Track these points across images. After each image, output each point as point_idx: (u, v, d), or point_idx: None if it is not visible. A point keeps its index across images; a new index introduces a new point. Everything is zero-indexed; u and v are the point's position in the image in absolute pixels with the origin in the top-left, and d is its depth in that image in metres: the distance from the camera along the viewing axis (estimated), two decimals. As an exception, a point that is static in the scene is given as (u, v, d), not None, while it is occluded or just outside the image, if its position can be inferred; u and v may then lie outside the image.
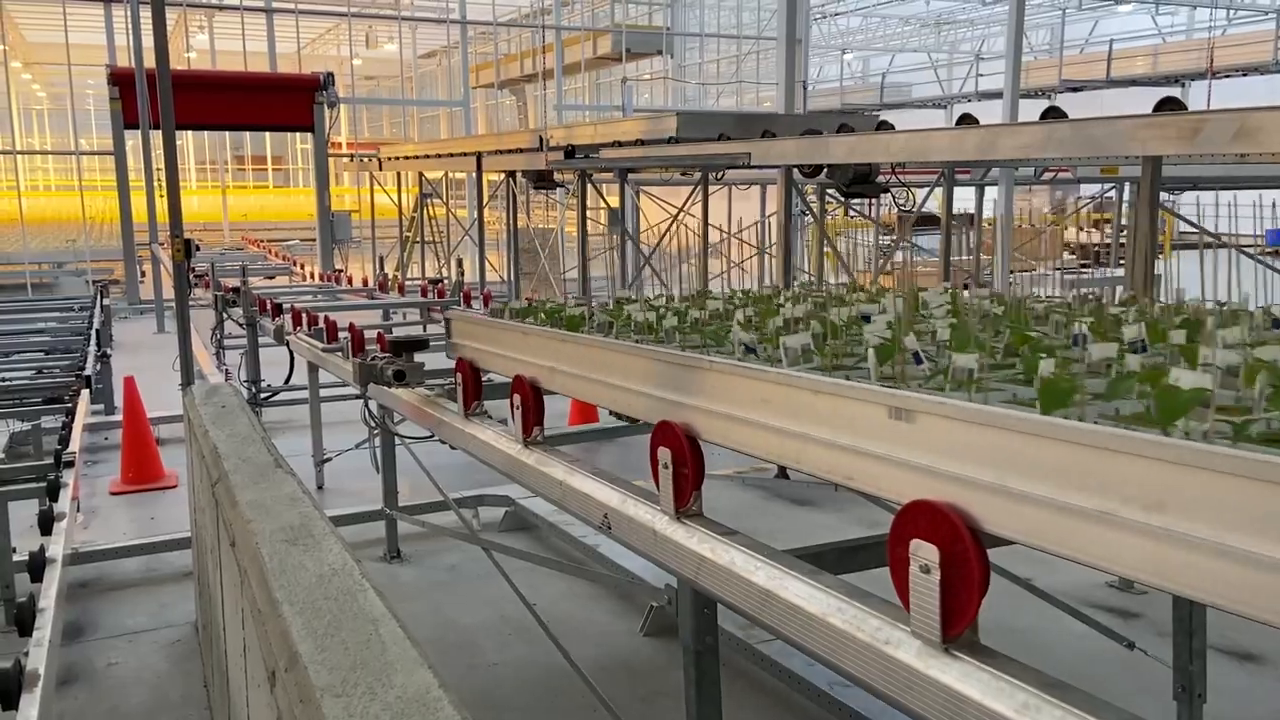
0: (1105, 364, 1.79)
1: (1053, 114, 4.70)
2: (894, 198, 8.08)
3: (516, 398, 2.84)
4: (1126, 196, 13.20)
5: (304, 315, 5.68)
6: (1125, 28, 25.29)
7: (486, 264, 12.20)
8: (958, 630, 1.40)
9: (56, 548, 3.83)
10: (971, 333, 2.01)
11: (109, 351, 8.23)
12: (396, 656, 1.37)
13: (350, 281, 9.53)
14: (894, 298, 2.75)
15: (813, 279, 9.33)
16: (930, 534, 1.43)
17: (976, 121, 5.20)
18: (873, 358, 1.80)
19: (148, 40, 8.22)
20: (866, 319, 2.32)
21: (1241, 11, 24.52)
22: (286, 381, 6.98)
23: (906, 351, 1.82)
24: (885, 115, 11.76)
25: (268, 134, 31.03)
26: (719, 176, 10.24)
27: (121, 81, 14.16)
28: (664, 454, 2.10)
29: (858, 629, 1.53)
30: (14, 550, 4.05)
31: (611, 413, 2.89)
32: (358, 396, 4.37)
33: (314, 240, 16.90)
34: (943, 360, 1.83)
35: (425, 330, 7.51)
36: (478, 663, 3.94)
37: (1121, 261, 11.56)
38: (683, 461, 2.06)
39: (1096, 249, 20.01)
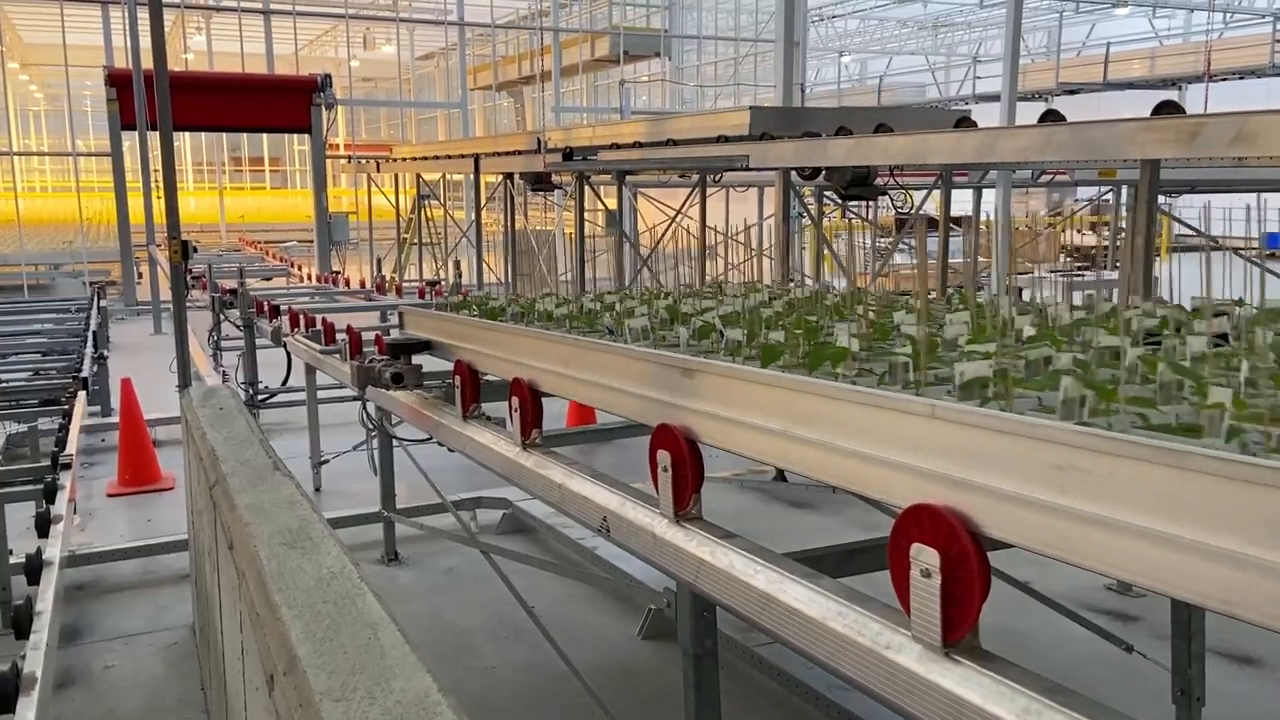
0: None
1: (1051, 117, 4.70)
2: (892, 200, 8.09)
3: (515, 400, 2.84)
4: (1124, 199, 13.23)
5: (301, 317, 5.68)
6: (1122, 31, 25.32)
7: (484, 266, 12.19)
8: (959, 635, 1.39)
9: (54, 550, 3.82)
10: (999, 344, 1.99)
11: (106, 353, 8.23)
12: (396, 660, 1.36)
13: (348, 283, 9.52)
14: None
15: (798, 280, 9.34)
16: (931, 538, 1.43)
17: (975, 124, 5.20)
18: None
19: (145, 41, 8.21)
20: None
21: (1238, 15, 24.57)
22: (284, 383, 6.97)
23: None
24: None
25: (265, 135, 31.01)
26: (717, 179, 10.24)
27: (119, 83, 14.16)
28: (663, 457, 2.10)
29: (858, 633, 1.52)
30: (11, 552, 4.04)
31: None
32: (355, 398, 4.36)
33: (311, 242, 16.90)
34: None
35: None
36: (476, 665, 3.93)
37: (1118, 264, 11.57)
38: (682, 464, 2.06)
39: (1093, 251, 20.04)
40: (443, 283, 8.30)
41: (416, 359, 3.81)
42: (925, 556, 1.43)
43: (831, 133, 6.40)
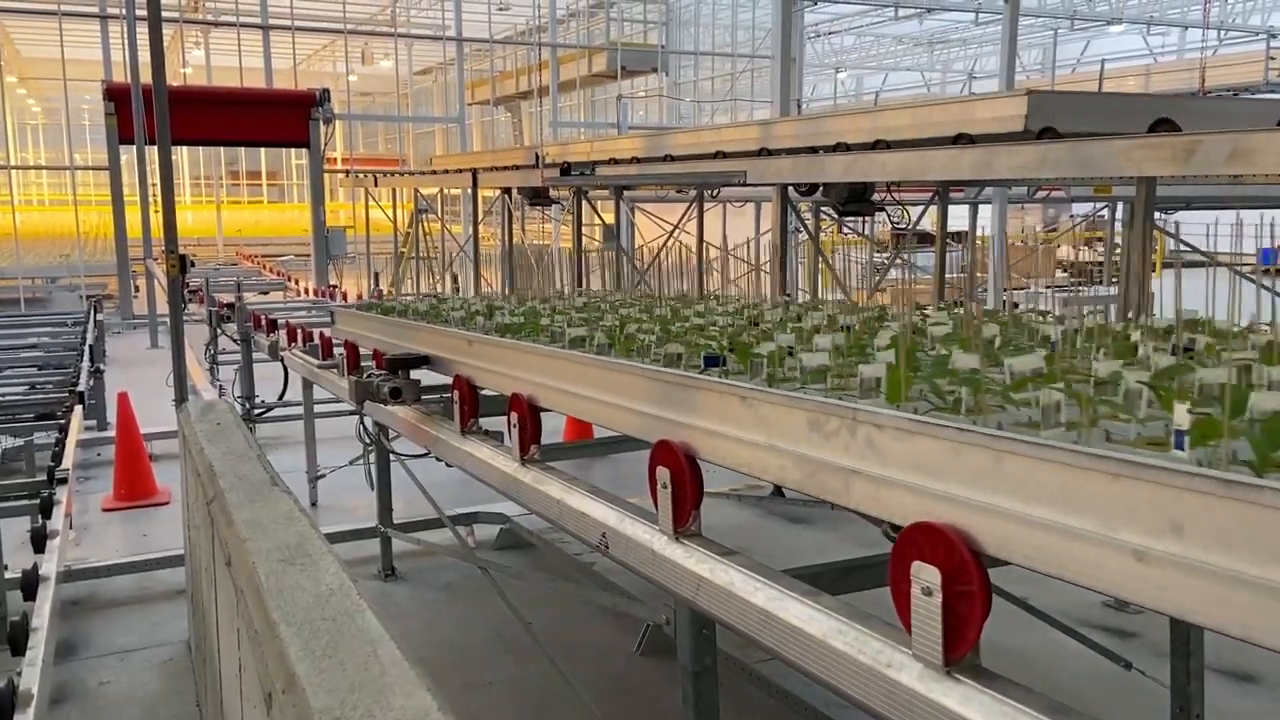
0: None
1: (1047, 133, 4.71)
2: (889, 216, 8.11)
3: (513, 415, 2.84)
4: (1119, 215, 13.26)
5: (299, 331, 5.67)
6: (1117, 48, 25.43)
7: (481, 280, 12.20)
8: (960, 653, 1.39)
9: (49, 565, 3.81)
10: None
11: (102, 367, 8.22)
12: (395, 679, 1.35)
13: (345, 297, 9.52)
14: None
15: (792, 295, 9.36)
16: (932, 556, 1.43)
17: (972, 140, 5.21)
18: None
19: (144, 56, 8.23)
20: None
21: (1233, 32, 24.71)
22: (281, 397, 6.96)
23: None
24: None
25: (263, 150, 31.05)
26: (714, 194, 10.27)
27: (117, 97, 14.19)
28: (663, 473, 2.10)
29: (859, 651, 1.52)
30: (6, 568, 4.03)
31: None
32: (353, 412, 4.35)
33: (309, 256, 16.90)
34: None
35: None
36: (474, 682, 3.91)
37: (1115, 280, 11.59)
38: (682, 481, 2.06)
39: (1089, 267, 20.08)
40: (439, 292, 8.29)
41: (414, 374, 3.81)
42: (926, 574, 1.43)
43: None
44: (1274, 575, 1.08)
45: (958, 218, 13.15)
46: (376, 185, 16.52)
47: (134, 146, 13.24)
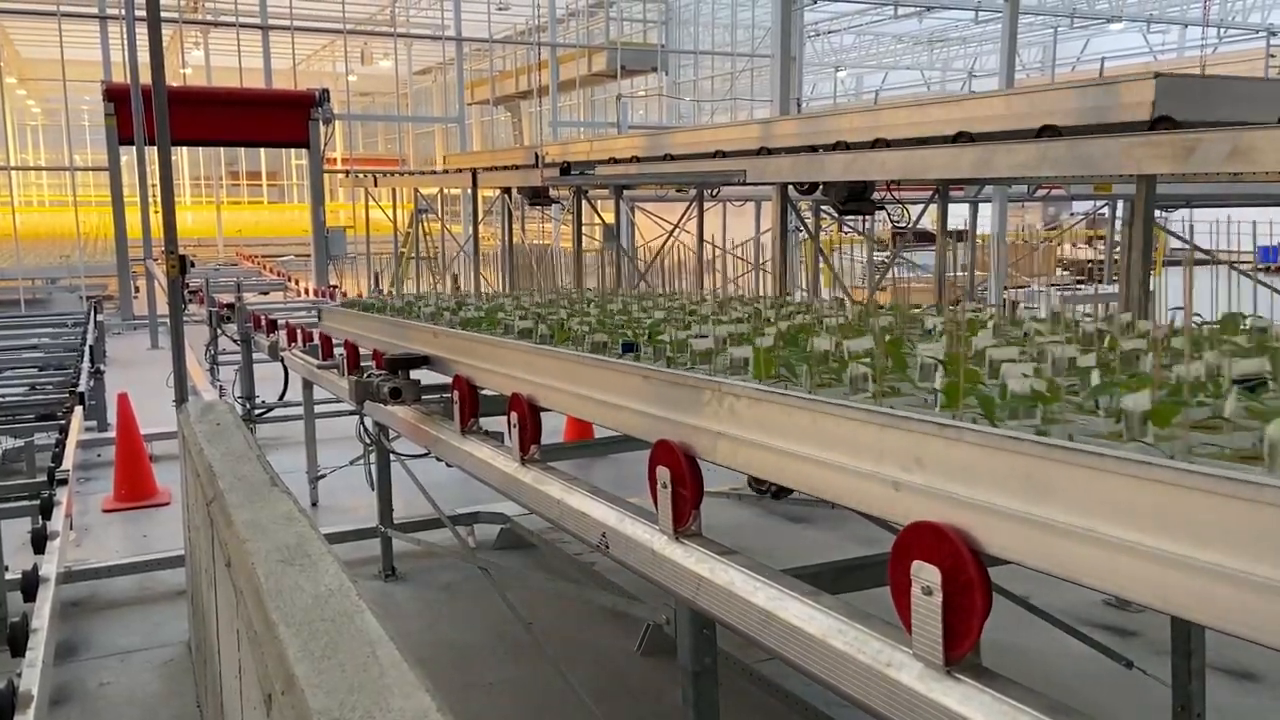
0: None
1: (1048, 132, 4.71)
2: (889, 214, 8.10)
3: (514, 415, 2.83)
4: (1120, 213, 13.26)
5: (299, 331, 5.67)
6: (1117, 46, 25.40)
7: (482, 279, 12.19)
8: (960, 652, 1.39)
9: (49, 566, 3.81)
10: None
11: (102, 367, 8.22)
12: (395, 680, 1.35)
13: (345, 297, 9.52)
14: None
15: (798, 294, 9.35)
16: (932, 555, 1.43)
17: (972, 139, 5.21)
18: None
19: (143, 56, 8.23)
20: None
21: (1232, 30, 24.70)
22: (281, 398, 6.96)
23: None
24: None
25: (263, 150, 31.05)
26: (714, 193, 10.28)
27: (116, 97, 14.20)
28: (663, 473, 2.10)
29: (859, 651, 1.52)
30: (6, 569, 4.03)
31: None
32: (353, 412, 4.35)
33: (309, 256, 16.90)
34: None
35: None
36: (474, 682, 3.91)
37: (1115, 278, 11.59)
38: (682, 481, 2.06)
39: (1090, 265, 20.08)
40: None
41: (414, 374, 3.81)
42: (926, 574, 1.42)
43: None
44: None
45: (958, 216, 13.15)
46: (376, 185, 16.53)
47: (134, 147, 13.24)
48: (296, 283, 11.70)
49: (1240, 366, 1.69)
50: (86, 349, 8.12)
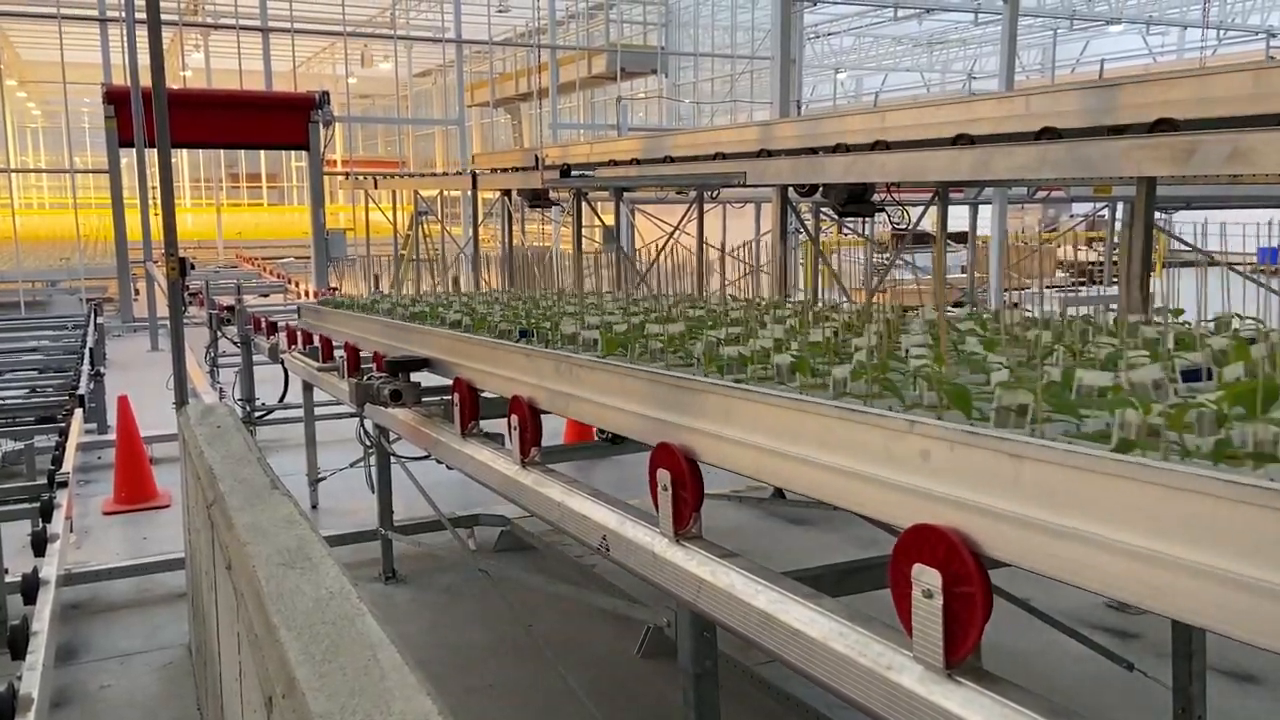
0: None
1: (1047, 134, 4.72)
2: (889, 216, 8.09)
3: (514, 418, 2.83)
4: (1119, 215, 13.26)
5: (299, 333, 5.67)
6: (1116, 48, 25.42)
7: (482, 281, 12.19)
8: (961, 656, 1.39)
9: (50, 569, 3.81)
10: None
11: (102, 370, 8.21)
12: (396, 683, 1.35)
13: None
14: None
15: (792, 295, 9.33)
16: (933, 558, 1.43)
17: (972, 141, 5.22)
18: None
19: (143, 59, 8.23)
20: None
21: (1231, 32, 24.71)
22: (281, 400, 6.96)
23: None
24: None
25: (263, 152, 31.05)
26: (714, 195, 10.28)
27: (117, 100, 14.21)
28: (663, 476, 2.10)
29: (860, 654, 1.52)
30: (6, 571, 4.02)
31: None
32: (353, 415, 4.35)
33: (309, 258, 16.90)
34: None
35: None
36: (475, 685, 3.91)
37: (1115, 280, 11.58)
38: (682, 483, 2.06)
39: (1089, 267, 20.07)
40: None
41: (415, 376, 3.81)
42: (927, 577, 1.42)
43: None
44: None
45: (958, 218, 13.16)
46: (376, 187, 16.53)
47: (134, 149, 13.24)
48: (296, 285, 11.70)
49: (1187, 361, 1.72)
50: (86, 351, 8.12)
